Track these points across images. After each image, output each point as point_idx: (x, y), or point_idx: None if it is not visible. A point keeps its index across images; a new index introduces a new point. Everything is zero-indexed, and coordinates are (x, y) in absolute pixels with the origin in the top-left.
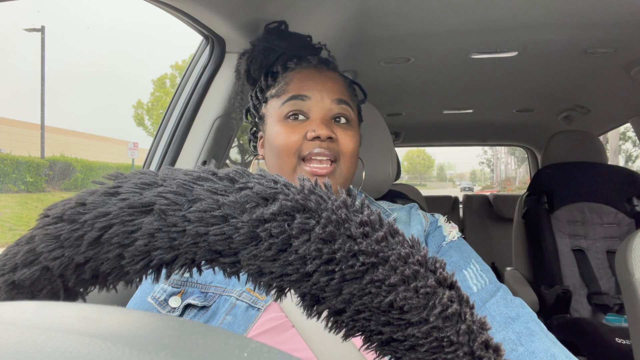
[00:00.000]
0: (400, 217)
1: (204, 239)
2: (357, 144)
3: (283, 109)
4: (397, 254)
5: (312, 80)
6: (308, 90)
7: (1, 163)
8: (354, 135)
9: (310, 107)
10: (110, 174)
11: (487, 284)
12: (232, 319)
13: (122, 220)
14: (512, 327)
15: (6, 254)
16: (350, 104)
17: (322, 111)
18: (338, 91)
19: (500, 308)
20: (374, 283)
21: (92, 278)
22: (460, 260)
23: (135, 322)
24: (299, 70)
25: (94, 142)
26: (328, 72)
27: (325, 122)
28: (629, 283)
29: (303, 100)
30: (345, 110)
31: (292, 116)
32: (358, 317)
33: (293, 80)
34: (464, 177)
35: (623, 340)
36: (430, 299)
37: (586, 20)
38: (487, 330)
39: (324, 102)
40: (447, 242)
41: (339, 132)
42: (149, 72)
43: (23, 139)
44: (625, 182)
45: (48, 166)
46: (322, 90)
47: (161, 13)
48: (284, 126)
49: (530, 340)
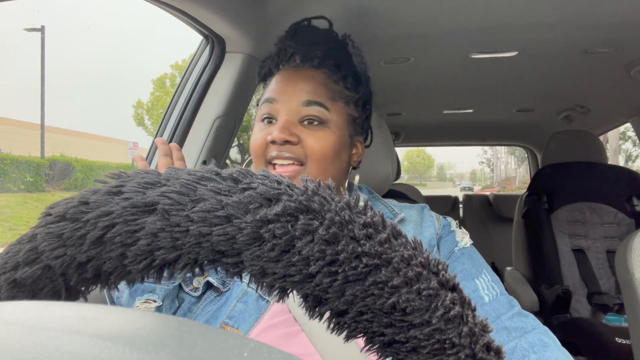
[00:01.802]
0: (410, 217)
1: (207, 239)
2: (332, 145)
3: (259, 112)
4: (401, 255)
5: (284, 82)
6: (277, 93)
7: (1, 163)
8: (324, 136)
9: (278, 110)
10: (113, 173)
11: (498, 295)
12: (244, 306)
13: (125, 219)
14: (526, 337)
15: (7, 252)
16: (326, 104)
17: (287, 114)
18: (310, 91)
19: (515, 322)
20: (376, 285)
21: (94, 277)
22: (472, 268)
23: (135, 322)
24: (281, 72)
25: (94, 142)
26: (306, 71)
27: (286, 126)
28: (629, 283)
29: (271, 103)
30: (317, 112)
31: (265, 119)
32: (360, 319)
33: (272, 82)
34: (464, 176)
35: (623, 340)
36: (432, 301)
37: (586, 20)
38: (489, 332)
39: (290, 104)
40: (459, 248)
41: (305, 134)
42: (149, 72)
43: (23, 139)
44: (625, 182)
45: (48, 166)
46: (291, 92)
47: (161, 13)
48: (256, 129)
49: (542, 350)
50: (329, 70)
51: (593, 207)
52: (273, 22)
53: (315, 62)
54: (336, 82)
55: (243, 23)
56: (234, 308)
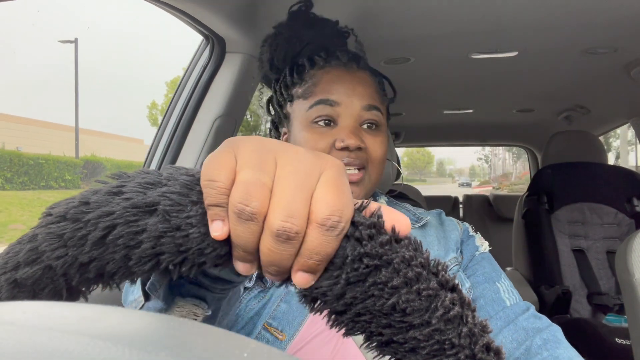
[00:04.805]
0: (431, 222)
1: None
2: (386, 149)
3: (310, 113)
4: (402, 256)
5: (341, 83)
6: (337, 95)
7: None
8: (383, 140)
9: (339, 113)
10: (114, 173)
11: (518, 301)
12: (287, 307)
13: (126, 220)
14: (540, 335)
15: (8, 252)
16: (381, 109)
17: (351, 118)
18: (368, 96)
19: (530, 321)
20: (376, 285)
21: (96, 277)
22: (493, 272)
23: (135, 322)
24: (327, 70)
25: (119, 142)
26: (358, 73)
27: (354, 132)
28: (629, 283)
29: (331, 105)
30: (376, 117)
31: (322, 121)
32: (358, 319)
33: (321, 82)
34: (463, 172)
35: (623, 340)
36: (432, 301)
37: (586, 20)
38: (488, 333)
39: (353, 108)
40: (479, 252)
41: (368, 140)
42: (163, 75)
43: (59, 140)
44: (625, 183)
45: (82, 165)
46: (352, 95)
47: (174, 20)
48: (311, 132)
49: (555, 347)
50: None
51: (593, 208)
52: (273, 22)
53: (362, 63)
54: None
55: (243, 23)
56: (277, 308)
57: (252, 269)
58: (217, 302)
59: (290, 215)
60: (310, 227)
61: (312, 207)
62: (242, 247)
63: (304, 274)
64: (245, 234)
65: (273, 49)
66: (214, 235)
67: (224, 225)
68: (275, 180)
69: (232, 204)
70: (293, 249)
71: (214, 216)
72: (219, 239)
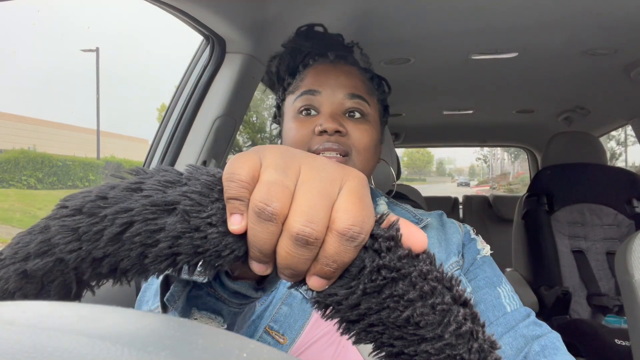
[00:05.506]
0: (432, 224)
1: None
2: (373, 139)
3: (296, 104)
4: (419, 270)
5: (325, 74)
6: (319, 85)
7: (72, 164)
8: (368, 129)
9: (321, 101)
10: (132, 169)
11: (519, 307)
12: (289, 310)
13: (145, 217)
14: (539, 341)
15: (18, 243)
16: (367, 99)
17: (332, 106)
18: (352, 86)
19: (530, 329)
20: (392, 297)
21: (108, 272)
22: (494, 277)
23: (135, 322)
24: (315, 66)
25: (131, 143)
26: (344, 67)
27: (333, 116)
28: (629, 284)
29: (314, 95)
30: (359, 105)
31: (304, 111)
32: (371, 329)
33: (307, 76)
34: (462, 171)
35: (622, 341)
36: (445, 315)
37: (586, 21)
38: (497, 349)
39: (335, 96)
40: (481, 256)
41: (350, 126)
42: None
43: (80, 142)
44: (625, 184)
45: (104, 166)
46: (334, 84)
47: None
48: (295, 121)
49: (553, 354)
50: (358, 68)
51: (593, 209)
52: (273, 22)
53: (350, 60)
54: (369, 79)
55: (243, 23)
56: (279, 311)
57: (268, 269)
58: (233, 317)
59: (311, 220)
60: (330, 235)
61: (333, 215)
62: (259, 247)
63: (319, 279)
64: (263, 234)
65: (279, 63)
66: (232, 229)
67: (242, 219)
68: (298, 185)
69: (253, 202)
70: (310, 254)
71: (233, 209)
72: (236, 233)
